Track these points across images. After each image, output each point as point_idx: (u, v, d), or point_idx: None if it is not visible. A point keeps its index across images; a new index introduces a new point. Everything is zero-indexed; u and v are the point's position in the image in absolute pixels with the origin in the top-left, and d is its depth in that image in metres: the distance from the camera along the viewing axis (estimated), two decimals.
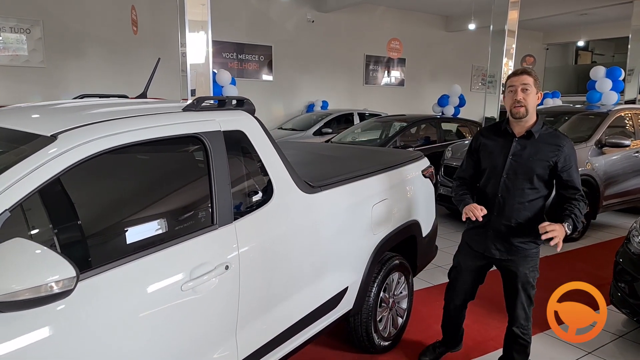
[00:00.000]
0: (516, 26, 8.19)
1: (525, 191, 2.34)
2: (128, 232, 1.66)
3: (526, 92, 2.28)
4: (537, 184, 2.33)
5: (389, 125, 7.82)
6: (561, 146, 2.31)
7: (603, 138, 5.98)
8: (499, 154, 2.40)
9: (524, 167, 2.32)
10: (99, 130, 1.62)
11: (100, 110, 1.90)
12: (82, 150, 1.52)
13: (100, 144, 1.58)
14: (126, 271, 1.56)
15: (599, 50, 20.98)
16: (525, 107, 2.28)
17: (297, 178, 2.33)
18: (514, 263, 2.44)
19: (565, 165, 2.31)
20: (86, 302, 1.45)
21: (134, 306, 1.58)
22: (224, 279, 1.86)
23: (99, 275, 1.50)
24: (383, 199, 2.88)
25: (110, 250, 1.59)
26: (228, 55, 11.46)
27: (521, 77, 2.30)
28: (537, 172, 2.31)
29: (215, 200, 1.90)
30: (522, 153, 2.33)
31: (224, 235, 1.90)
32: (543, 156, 2.30)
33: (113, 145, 1.62)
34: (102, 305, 1.50)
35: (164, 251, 1.68)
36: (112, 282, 1.53)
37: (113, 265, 1.54)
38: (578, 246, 5.56)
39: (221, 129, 2.01)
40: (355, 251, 2.67)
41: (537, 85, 2.32)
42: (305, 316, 2.33)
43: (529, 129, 2.34)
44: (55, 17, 9.40)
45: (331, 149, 4.26)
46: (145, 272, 1.62)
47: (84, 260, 1.50)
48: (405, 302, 3.24)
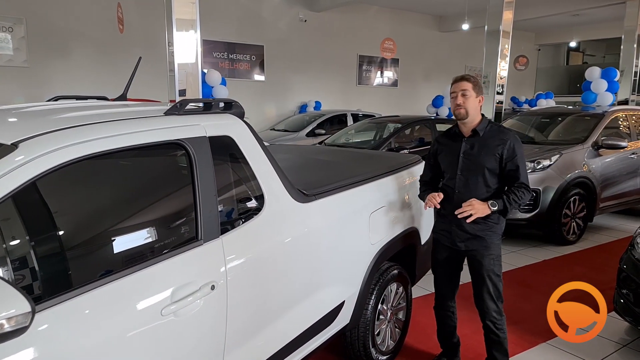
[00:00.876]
0: (511, 27, 8.11)
1: (479, 185, 2.52)
2: (99, 253, 1.48)
3: (465, 96, 2.50)
4: (490, 177, 2.52)
5: (383, 127, 7.68)
6: (505, 139, 2.49)
7: (599, 139, 5.90)
8: (452, 154, 2.60)
9: (474, 163, 2.52)
10: (66, 137, 1.45)
11: (71, 114, 1.72)
12: (45, 161, 1.35)
13: (68, 153, 1.41)
14: (95, 297, 1.39)
15: (590, 51, 21.06)
16: (465, 109, 2.50)
17: (290, 186, 2.17)
18: (478, 253, 2.58)
19: (509, 156, 2.48)
20: (46, 335, 1.28)
21: (104, 337, 1.41)
22: (210, 299, 1.69)
23: (62, 304, 1.32)
24: (381, 206, 2.73)
25: (77, 275, 1.41)
26: (219, 55, 11.26)
27: (460, 84, 2.53)
28: (488, 166, 2.50)
29: (199, 214, 1.73)
30: (472, 151, 2.54)
31: (209, 252, 1.73)
32: (490, 150, 2.49)
33: (82, 155, 1.44)
34: (64, 337, 1.32)
35: (141, 272, 1.50)
36: (78, 310, 1.36)
37: (79, 291, 1.36)
38: (576, 249, 5.46)
39: (207, 134, 1.85)
40: (352, 263, 2.52)
41: (476, 89, 2.53)
42: (299, 335, 2.17)
43: (475, 128, 2.53)
44: (40, 15, 9.14)
45: (325, 153, 4.10)
46: (119, 297, 1.45)
47: (45, 286, 1.32)
48: (403, 313, 3.09)
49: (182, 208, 1.75)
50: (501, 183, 2.56)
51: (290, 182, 2.19)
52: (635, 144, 6.33)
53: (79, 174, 1.50)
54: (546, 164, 5.46)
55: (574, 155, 5.71)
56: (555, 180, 5.43)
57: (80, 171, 1.50)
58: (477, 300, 2.65)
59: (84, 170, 1.51)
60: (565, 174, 5.50)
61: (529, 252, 5.34)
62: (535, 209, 5.36)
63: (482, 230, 2.56)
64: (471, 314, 2.81)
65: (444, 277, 2.79)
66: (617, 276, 3.36)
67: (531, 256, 5.18)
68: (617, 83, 7.67)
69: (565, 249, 5.46)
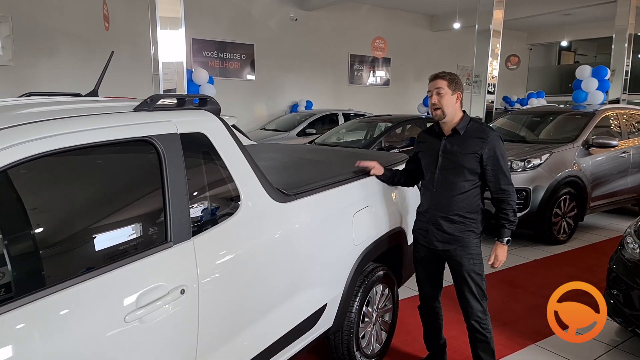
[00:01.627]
0: (501, 26, 8.08)
1: (458, 184, 2.47)
2: (54, 257, 1.39)
3: (440, 95, 2.44)
4: (469, 176, 2.47)
5: (374, 126, 7.62)
6: (485, 138, 2.44)
7: (590, 138, 5.88)
8: (432, 152, 2.56)
9: (454, 162, 2.47)
10: (24, 133, 1.36)
11: (32, 110, 1.63)
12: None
13: (24, 150, 1.32)
14: (47, 305, 1.30)
15: (582, 51, 21.15)
16: (440, 109, 2.44)
17: (268, 186, 2.09)
18: (457, 253, 2.53)
19: (490, 156, 2.43)
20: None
21: (61, 346, 1.32)
22: (180, 304, 1.61)
23: (7, 314, 1.23)
24: (365, 206, 2.66)
25: (27, 281, 1.32)
26: (209, 54, 11.15)
27: (435, 82, 2.46)
28: (467, 166, 2.45)
29: (169, 214, 1.65)
30: (451, 149, 2.49)
31: (179, 254, 1.65)
32: (470, 149, 2.44)
33: (40, 152, 1.36)
34: (5, 351, 1.23)
35: (102, 277, 1.42)
36: (27, 319, 1.27)
37: (28, 299, 1.27)
38: (566, 249, 5.42)
39: (178, 131, 1.76)
40: (334, 264, 2.44)
41: (452, 86, 2.46)
42: (278, 339, 2.09)
43: (455, 126, 2.47)
44: (25, 12, 8.99)
45: (312, 152, 4.03)
46: (75, 305, 1.36)
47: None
48: (389, 315, 3.02)
49: (150, 208, 1.66)
50: (481, 182, 2.51)
51: (269, 182, 2.12)
52: (626, 143, 6.30)
53: (37, 173, 1.42)
54: (536, 163, 5.42)
55: (564, 154, 5.68)
56: (545, 179, 5.39)
57: (40, 169, 1.42)
58: (461, 301, 2.61)
59: (44, 169, 1.43)
60: (555, 173, 5.46)
61: (519, 251, 5.29)
62: (526, 209, 5.32)
63: (460, 231, 2.51)
64: (459, 315, 2.75)
65: (425, 276, 2.73)
66: (606, 276, 3.32)
67: (521, 256, 5.14)
68: (607, 82, 7.66)
69: (555, 248, 5.42)
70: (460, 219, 2.50)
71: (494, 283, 4.33)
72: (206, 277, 1.71)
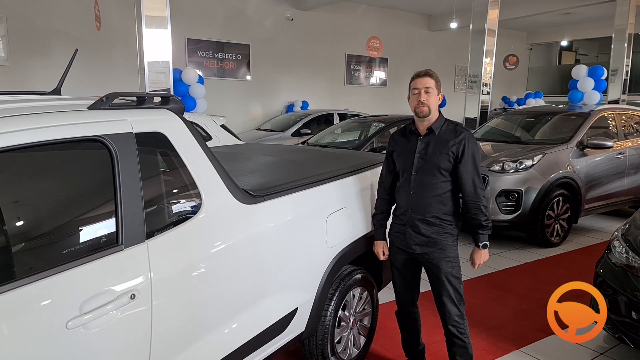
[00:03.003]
0: (496, 25, 8.00)
1: (434, 185, 2.43)
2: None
3: (428, 93, 2.41)
4: (445, 177, 2.43)
5: (368, 126, 7.55)
6: (460, 139, 2.41)
7: (585, 139, 5.79)
8: (407, 153, 2.51)
9: (429, 162, 2.44)
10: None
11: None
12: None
13: None
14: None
15: (583, 50, 21.01)
16: (428, 106, 2.40)
17: (233, 187, 2.03)
18: (434, 256, 2.48)
19: (464, 157, 2.39)
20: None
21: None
22: (129, 310, 1.55)
23: None
24: (340, 207, 2.59)
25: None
26: (204, 54, 11.11)
27: (424, 80, 2.42)
28: (442, 166, 2.41)
29: (120, 216, 1.59)
30: (427, 150, 2.45)
31: (131, 258, 1.59)
32: (445, 149, 2.41)
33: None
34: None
35: (43, 281, 1.36)
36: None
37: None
38: (559, 252, 5.34)
39: (133, 130, 1.70)
40: (305, 267, 2.38)
41: (438, 86, 2.45)
42: (243, 344, 2.03)
43: (430, 126, 2.45)
44: (20, 13, 8.97)
45: (296, 152, 3.96)
46: (14, 308, 1.30)
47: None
48: (368, 320, 2.96)
49: (101, 210, 1.61)
50: (456, 182, 2.45)
51: (235, 183, 2.05)
52: (623, 144, 6.21)
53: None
54: (529, 164, 5.34)
55: (558, 155, 5.60)
56: (537, 180, 5.31)
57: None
58: (438, 305, 2.55)
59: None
60: (548, 174, 5.38)
61: (510, 254, 5.21)
62: (517, 210, 5.24)
63: (437, 234, 2.46)
64: (438, 320, 2.68)
65: (402, 280, 2.67)
66: (593, 281, 3.24)
67: (512, 258, 5.06)
68: (604, 81, 7.56)
69: (548, 251, 5.34)
70: (438, 221, 2.45)
71: (481, 286, 4.26)
72: (160, 282, 1.65)
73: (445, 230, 2.46)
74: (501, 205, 5.25)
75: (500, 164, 5.34)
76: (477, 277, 4.47)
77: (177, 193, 1.85)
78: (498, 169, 5.31)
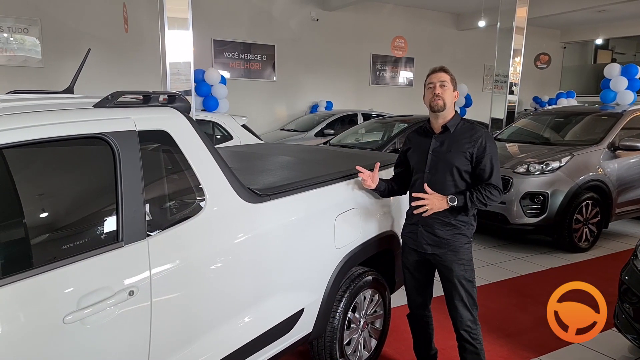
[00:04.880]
0: (525, 23, 7.78)
1: (447, 185, 2.38)
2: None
3: (444, 87, 2.39)
4: (459, 176, 2.37)
5: (392, 126, 7.46)
6: (477, 137, 2.36)
7: (616, 140, 5.57)
8: (421, 151, 2.47)
9: (443, 161, 2.39)
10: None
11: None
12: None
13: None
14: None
15: (620, 49, 20.22)
16: (443, 100, 2.37)
17: (238, 186, 2.03)
18: (447, 258, 2.42)
19: (480, 155, 2.34)
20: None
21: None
22: (128, 307, 1.56)
23: None
24: (350, 208, 2.56)
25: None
26: (230, 55, 11.23)
27: (439, 75, 2.40)
28: (457, 165, 2.36)
29: (121, 212, 1.60)
30: (441, 148, 2.40)
31: (130, 255, 1.61)
32: (460, 148, 2.36)
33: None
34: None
35: (42, 276, 1.38)
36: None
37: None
38: (588, 257, 5.14)
39: (136, 128, 1.72)
40: (312, 268, 2.36)
41: (453, 83, 2.43)
42: (247, 343, 2.03)
43: (445, 124, 2.41)
44: (53, 16, 9.28)
45: (312, 152, 3.94)
46: (12, 301, 1.33)
47: None
48: (380, 322, 2.91)
49: (102, 206, 1.63)
50: (471, 183, 2.39)
51: (240, 182, 2.05)
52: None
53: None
54: (555, 166, 5.16)
55: (587, 156, 5.40)
56: (565, 183, 5.13)
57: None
58: (450, 309, 2.48)
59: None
60: (576, 176, 5.19)
61: (535, 259, 5.05)
62: (543, 214, 5.08)
63: (450, 234, 2.39)
64: (451, 327, 2.62)
65: (414, 283, 2.61)
66: (618, 288, 3.10)
67: (537, 263, 4.90)
68: (638, 81, 7.25)
69: (576, 256, 5.15)
70: (450, 221, 2.39)
71: (502, 291, 4.14)
72: (160, 279, 1.66)
73: (459, 231, 2.40)
74: (525, 208, 5.10)
75: (525, 165, 5.19)
76: (499, 282, 4.35)
77: (180, 191, 1.86)
78: (523, 170, 5.16)
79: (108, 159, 1.64)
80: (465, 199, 2.32)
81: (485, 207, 2.35)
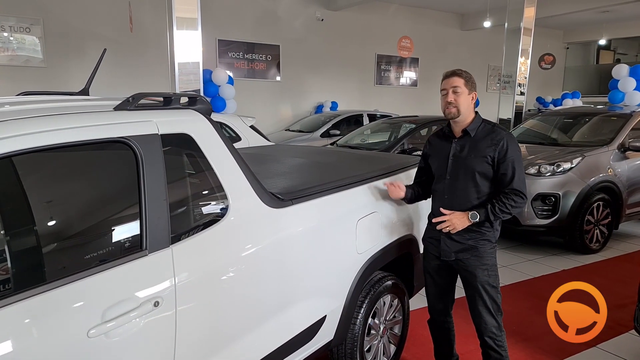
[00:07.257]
0: (532, 24, 7.72)
1: (469, 190, 2.32)
2: (15, 263, 1.30)
3: (457, 93, 2.31)
4: (481, 182, 2.31)
5: (398, 127, 7.40)
6: (498, 140, 2.28)
7: (626, 141, 5.52)
8: (442, 156, 2.41)
9: (464, 166, 2.32)
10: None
11: (4, 109, 1.56)
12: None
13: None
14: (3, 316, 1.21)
15: (622, 50, 20.18)
16: (456, 107, 2.30)
17: (261, 190, 1.97)
18: (470, 263, 2.35)
19: (502, 159, 2.27)
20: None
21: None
22: (152, 318, 1.50)
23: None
24: (371, 212, 2.50)
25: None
26: (234, 55, 11.17)
27: (451, 80, 2.32)
28: (478, 170, 2.29)
29: (145, 220, 1.54)
30: (461, 153, 2.34)
31: (155, 263, 1.55)
32: (481, 152, 2.29)
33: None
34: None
35: (64, 288, 1.32)
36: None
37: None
38: (598, 259, 5.09)
39: (159, 131, 1.66)
40: (334, 274, 2.30)
41: (468, 85, 2.33)
42: (269, 354, 1.96)
43: (465, 128, 2.34)
44: (56, 15, 9.21)
45: (325, 154, 3.88)
46: (31, 317, 1.27)
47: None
48: (399, 328, 2.85)
49: (125, 214, 1.57)
50: (494, 188, 2.32)
51: (262, 186, 1.99)
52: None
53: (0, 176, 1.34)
54: (567, 167, 5.11)
55: (598, 157, 5.35)
56: (576, 184, 5.08)
57: (2, 172, 1.33)
58: (474, 315, 2.42)
59: (6, 171, 1.34)
60: (588, 178, 5.14)
61: (547, 260, 5.00)
62: (555, 215, 5.02)
63: (474, 240, 2.33)
64: (472, 329, 2.56)
65: (435, 289, 2.55)
66: (638, 290, 3.04)
67: (549, 265, 4.85)
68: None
69: (587, 258, 5.09)
70: (475, 227, 2.32)
71: (518, 294, 4.08)
72: (185, 288, 1.60)
73: (483, 236, 2.34)
74: (537, 209, 5.04)
75: (536, 166, 5.14)
76: (512, 284, 4.30)
77: (203, 196, 1.80)
78: (534, 171, 5.10)
79: (131, 164, 1.57)
80: (487, 212, 2.25)
81: (510, 215, 2.28)
